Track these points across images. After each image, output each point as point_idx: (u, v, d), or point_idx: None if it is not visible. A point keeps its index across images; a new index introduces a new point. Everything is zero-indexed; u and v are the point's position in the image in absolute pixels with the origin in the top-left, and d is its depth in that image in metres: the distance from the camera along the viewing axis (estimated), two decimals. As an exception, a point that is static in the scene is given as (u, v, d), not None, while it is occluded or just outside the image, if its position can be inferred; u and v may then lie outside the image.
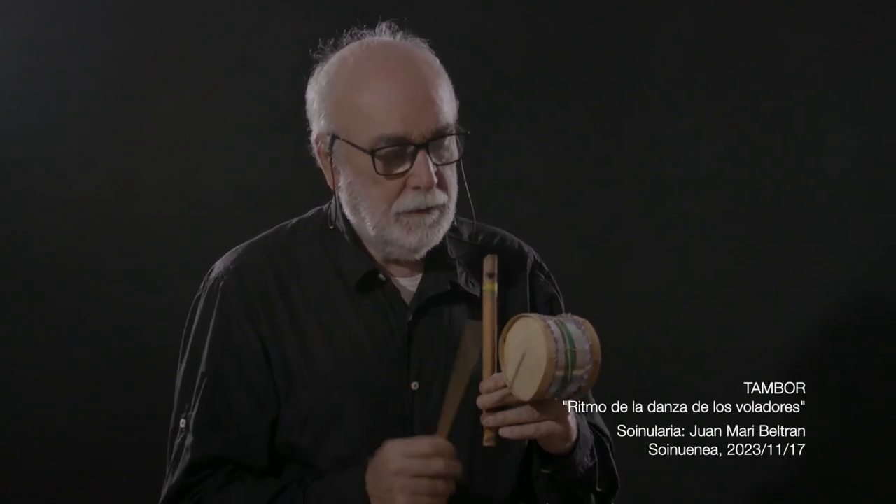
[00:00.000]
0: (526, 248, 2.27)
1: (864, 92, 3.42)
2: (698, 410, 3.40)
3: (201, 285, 2.15)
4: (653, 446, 3.39)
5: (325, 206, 2.18)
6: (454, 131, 2.04)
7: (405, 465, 1.92)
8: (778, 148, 3.43)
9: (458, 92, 2.09)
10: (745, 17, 3.44)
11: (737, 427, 3.40)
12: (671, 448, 3.40)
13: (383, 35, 2.10)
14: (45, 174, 3.31)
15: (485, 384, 1.94)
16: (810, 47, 3.42)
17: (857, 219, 3.42)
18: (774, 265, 3.44)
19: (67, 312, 3.32)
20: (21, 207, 3.31)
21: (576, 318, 1.93)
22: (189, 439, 2.07)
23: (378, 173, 1.99)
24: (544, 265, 2.28)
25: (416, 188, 2.00)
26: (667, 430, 3.41)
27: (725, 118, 3.43)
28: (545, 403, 1.92)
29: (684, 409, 3.40)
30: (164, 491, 2.08)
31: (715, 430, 3.40)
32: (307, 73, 2.11)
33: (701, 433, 3.41)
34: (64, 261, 3.31)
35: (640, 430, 3.35)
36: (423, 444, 1.94)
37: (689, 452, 3.39)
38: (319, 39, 2.12)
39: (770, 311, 3.43)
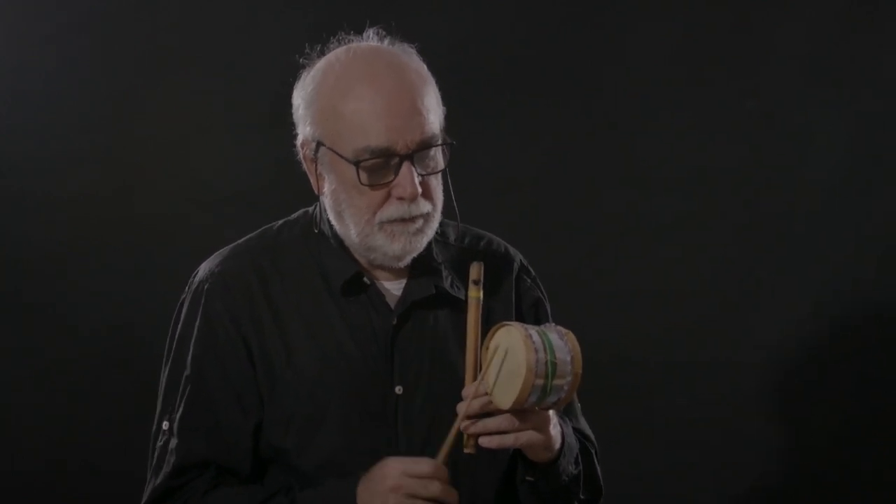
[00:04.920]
0: (512, 251, 2.26)
1: (849, 89, 3.40)
2: (692, 414, 3.41)
3: (186, 287, 2.15)
4: (648, 450, 3.39)
5: (310, 209, 2.18)
6: (440, 142, 2.02)
7: (403, 483, 1.91)
8: (763, 147, 3.41)
9: (446, 94, 2.08)
10: (729, 16, 3.41)
11: (733, 430, 3.41)
12: (667, 452, 3.41)
13: (371, 40, 2.08)
14: (33, 173, 3.31)
15: (466, 391, 1.94)
16: (794, 45, 3.39)
17: (845, 217, 3.40)
18: (763, 266, 3.43)
19: (56, 311, 3.33)
20: (10, 206, 3.31)
21: (559, 328, 1.92)
22: (173, 442, 2.07)
23: (362, 184, 1.98)
24: (531, 269, 2.27)
25: (401, 198, 1.99)
26: (661, 433, 3.41)
27: (710, 118, 3.41)
28: (526, 412, 1.91)
29: (677, 412, 3.41)
30: (147, 493, 2.08)
31: (711, 433, 3.41)
32: (297, 75, 2.10)
33: (696, 437, 3.41)
34: (52, 259, 3.32)
35: (634, 434, 3.36)
36: (423, 465, 1.93)
37: (685, 456, 3.40)
38: (306, 44, 2.11)
39: (763, 311, 3.42)
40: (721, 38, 3.43)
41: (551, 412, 1.96)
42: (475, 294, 1.97)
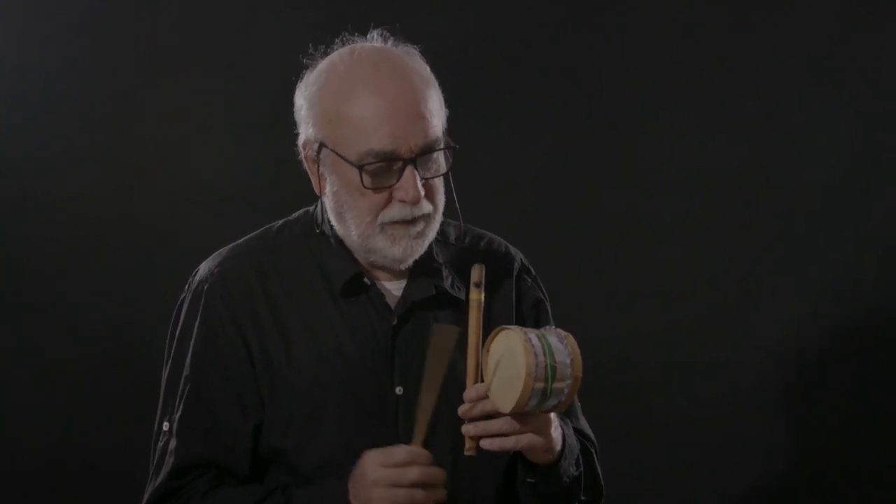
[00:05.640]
0: (513, 250, 2.26)
1: (849, 89, 3.39)
2: (692, 414, 3.40)
3: (186, 287, 2.15)
4: (648, 450, 3.39)
5: (311, 208, 2.17)
6: (443, 145, 2.02)
7: (381, 475, 1.92)
8: (763, 147, 3.41)
9: (446, 94, 2.07)
10: (729, 16, 3.41)
11: (733, 430, 3.41)
12: (667, 452, 3.40)
13: (374, 41, 2.07)
14: (33, 173, 3.31)
15: (467, 394, 1.94)
16: (794, 45, 3.39)
17: (845, 217, 3.40)
18: (763, 266, 3.42)
19: (56, 311, 3.33)
20: (10, 206, 3.31)
21: (559, 331, 1.92)
22: (172, 443, 2.07)
23: (365, 187, 1.98)
24: (531, 268, 2.27)
25: (403, 201, 1.99)
26: (661, 433, 3.41)
27: (710, 118, 3.41)
28: (527, 415, 1.91)
29: (677, 412, 3.41)
30: (148, 493, 2.08)
31: (711, 433, 3.41)
32: (295, 76, 2.09)
33: (696, 437, 3.41)
34: (51, 260, 3.32)
35: (634, 434, 3.36)
36: (398, 453, 1.93)
37: (685, 456, 3.39)
38: (309, 43, 2.10)
39: (763, 311, 3.42)
40: (721, 38, 3.42)
41: (552, 414, 1.96)
42: (476, 296, 1.96)
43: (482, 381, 1.94)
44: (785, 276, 3.42)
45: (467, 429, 1.92)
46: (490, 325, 1.97)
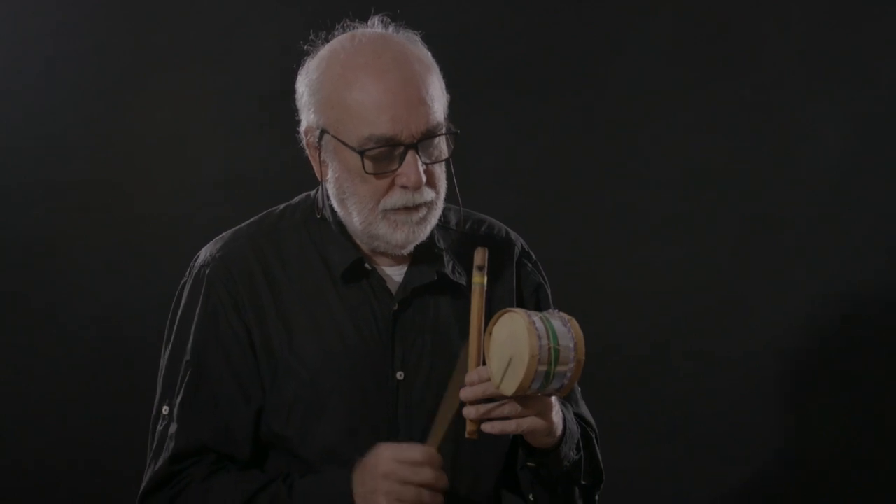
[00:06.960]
0: (513, 235, 2.27)
1: (849, 89, 3.39)
2: (692, 412, 3.40)
3: (187, 272, 2.15)
4: (647, 447, 3.39)
5: (312, 193, 2.18)
6: (444, 130, 2.02)
7: (394, 469, 1.92)
8: (763, 146, 3.41)
9: (448, 85, 2.07)
10: (726, 11, 3.41)
11: (732, 428, 3.41)
12: (666, 449, 3.40)
13: (375, 27, 2.08)
14: (26, 167, 3.32)
15: (469, 377, 1.94)
16: (794, 45, 3.39)
17: (845, 217, 3.40)
18: (763, 265, 3.42)
19: (47, 306, 3.33)
20: (3, 201, 3.32)
21: (562, 314, 1.92)
22: (173, 427, 2.07)
23: (367, 172, 1.99)
24: (532, 253, 2.27)
25: (404, 186, 1.99)
26: (661, 430, 3.41)
27: (709, 113, 3.41)
28: (528, 399, 1.91)
29: (677, 410, 3.41)
30: (147, 478, 2.08)
31: (711, 431, 3.40)
32: (296, 64, 2.09)
33: (697, 434, 3.40)
34: (45, 253, 3.32)
35: (633, 431, 3.35)
36: (414, 451, 1.94)
37: (685, 453, 3.39)
38: (311, 31, 2.11)
39: (763, 310, 3.42)
40: (721, 37, 3.43)
41: (553, 398, 1.96)
42: (479, 280, 1.97)
43: (484, 364, 1.94)
44: (785, 276, 3.42)
45: (469, 411, 1.91)
46: (491, 310, 1.98)
